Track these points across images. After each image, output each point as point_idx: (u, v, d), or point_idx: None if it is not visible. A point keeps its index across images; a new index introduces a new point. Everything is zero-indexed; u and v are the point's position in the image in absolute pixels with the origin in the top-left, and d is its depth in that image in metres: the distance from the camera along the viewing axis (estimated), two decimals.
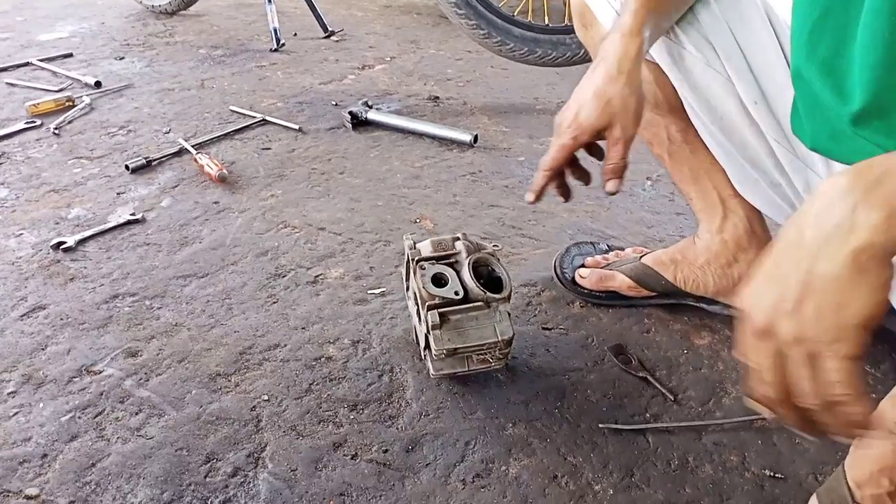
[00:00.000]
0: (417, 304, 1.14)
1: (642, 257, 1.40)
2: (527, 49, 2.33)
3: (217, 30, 3.15)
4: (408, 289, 1.19)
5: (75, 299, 1.44)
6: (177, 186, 1.87)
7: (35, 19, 3.22)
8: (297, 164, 1.99)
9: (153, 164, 1.96)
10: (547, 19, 2.57)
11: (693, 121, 1.15)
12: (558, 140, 1.06)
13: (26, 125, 2.17)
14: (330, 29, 3.08)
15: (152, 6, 3.26)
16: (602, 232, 1.69)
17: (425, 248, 1.15)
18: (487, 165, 2.01)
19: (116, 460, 1.10)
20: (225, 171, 1.87)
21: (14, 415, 1.17)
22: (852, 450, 0.87)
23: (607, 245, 1.52)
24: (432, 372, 1.16)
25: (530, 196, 1.08)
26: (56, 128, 2.15)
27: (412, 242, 1.16)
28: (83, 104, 2.31)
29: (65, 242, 1.60)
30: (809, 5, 0.78)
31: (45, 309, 1.41)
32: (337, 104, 2.38)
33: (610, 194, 1.05)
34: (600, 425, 1.16)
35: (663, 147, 1.29)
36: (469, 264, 1.11)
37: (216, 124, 2.22)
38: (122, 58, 2.78)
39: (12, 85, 2.49)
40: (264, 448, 1.12)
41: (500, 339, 1.11)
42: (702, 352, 1.32)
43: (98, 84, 2.45)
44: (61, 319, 1.38)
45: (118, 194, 1.83)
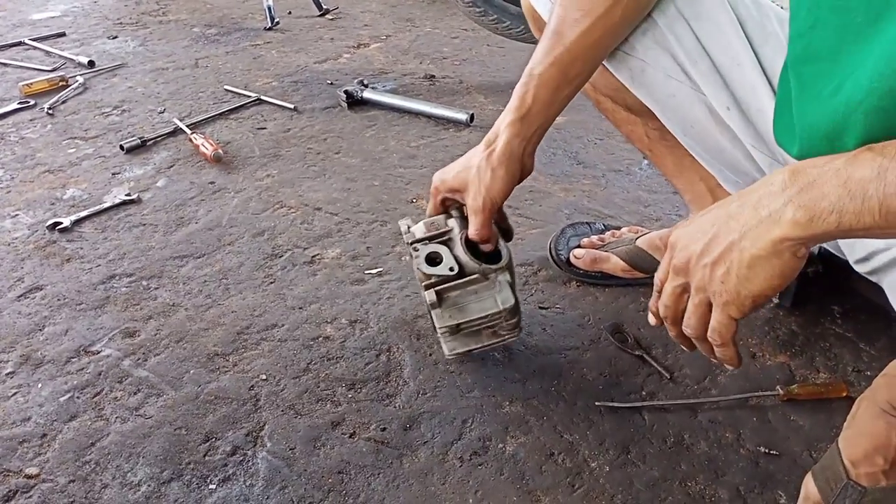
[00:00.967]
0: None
1: (636, 239, 1.39)
2: (523, 27, 2.31)
3: (210, 8, 3.12)
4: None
5: (72, 280, 1.44)
6: (172, 166, 1.86)
7: None
8: (292, 144, 1.98)
9: (148, 144, 1.96)
10: None
11: (667, 127, 1.11)
12: (431, 191, 1.15)
13: (20, 105, 2.16)
14: (325, 7, 3.05)
15: None
16: (599, 211, 1.69)
17: (419, 231, 1.14)
18: None
19: (116, 440, 1.10)
20: (220, 150, 1.87)
21: (13, 395, 1.18)
22: (845, 428, 0.88)
23: (603, 224, 1.52)
24: (447, 353, 1.15)
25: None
26: (50, 108, 2.14)
27: (406, 227, 1.16)
28: (77, 84, 2.30)
29: (61, 223, 1.59)
30: (844, 15, 0.75)
31: (41, 290, 1.41)
32: (332, 83, 2.37)
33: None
34: (596, 403, 1.17)
35: (643, 144, 1.28)
36: (462, 239, 1.10)
37: (211, 104, 2.21)
38: (116, 37, 2.75)
39: (5, 65, 2.47)
40: (263, 427, 1.13)
41: (501, 308, 1.10)
42: None
43: (91, 63, 2.44)
44: (58, 300, 1.38)
45: (113, 174, 1.82)
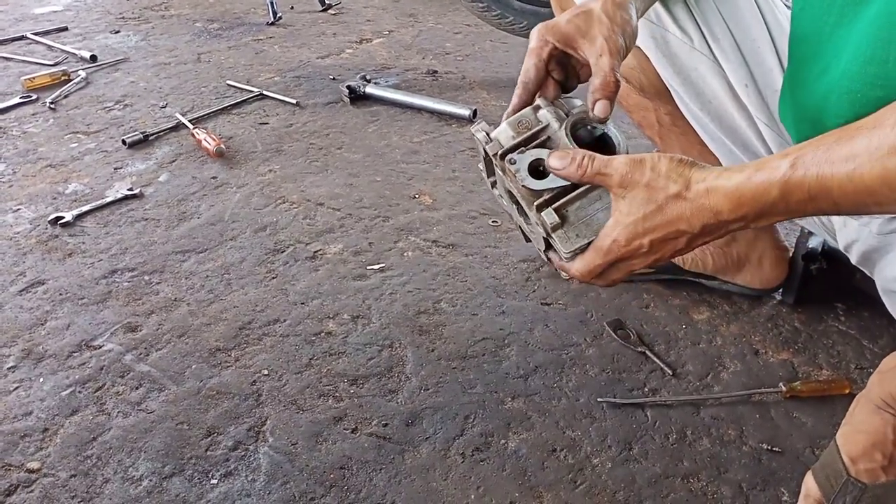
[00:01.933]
0: (517, 201, 0.87)
1: None
2: (527, 22, 2.30)
3: (213, 3, 3.12)
4: (493, 185, 0.94)
5: (74, 274, 1.44)
6: (174, 161, 1.86)
7: None
8: (294, 139, 1.98)
9: (150, 138, 1.95)
10: None
11: (680, 107, 1.13)
12: (529, 49, 0.89)
13: (22, 100, 2.16)
14: (327, 2, 3.04)
15: None
16: None
17: (504, 135, 0.87)
18: None
19: (117, 434, 1.10)
20: (222, 145, 1.86)
21: (14, 389, 1.18)
22: (843, 425, 0.87)
23: None
24: (565, 275, 0.90)
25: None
26: (52, 102, 2.13)
27: (485, 134, 0.87)
28: (79, 78, 2.29)
29: (63, 217, 1.59)
30: (825, 10, 0.77)
31: (43, 284, 1.41)
32: (335, 78, 2.36)
33: (599, 122, 0.85)
34: (599, 399, 1.17)
35: (654, 130, 1.28)
36: (567, 133, 0.84)
37: (213, 99, 2.21)
38: (118, 31, 2.75)
39: (7, 59, 2.47)
40: (265, 422, 1.12)
41: None
42: (700, 327, 1.32)
43: (94, 58, 2.43)
44: (60, 294, 1.38)
45: (115, 169, 1.82)
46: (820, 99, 0.76)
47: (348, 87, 2.19)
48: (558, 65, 0.88)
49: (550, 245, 0.86)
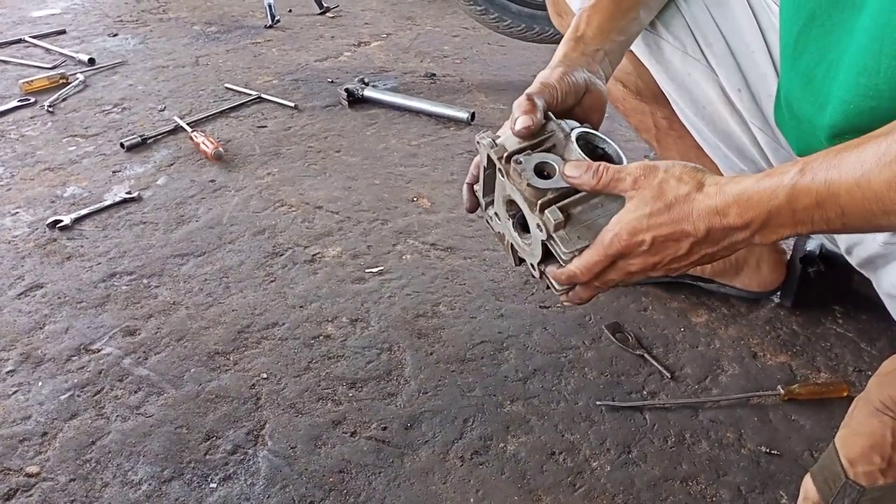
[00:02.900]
0: (514, 214, 0.90)
1: None
2: (524, 25, 2.31)
3: (211, 6, 3.12)
4: (486, 207, 0.95)
5: (72, 278, 1.44)
6: (173, 164, 1.86)
7: None
8: (293, 142, 1.98)
9: (148, 142, 1.95)
10: None
11: (676, 111, 1.13)
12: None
13: (20, 103, 2.16)
14: (325, 5, 3.05)
15: None
16: None
17: (510, 142, 0.88)
18: None
19: (116, 438, 1.10)
20: (221, 149, 1.87)
21: (13, 393, 1.18)
22: (842, 427, 0.88)
23: None
24: (557, 288, 0.88)
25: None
26: (50, 105, 2.13)
27: (490, 140, 0.87)
28: (77, 81, 2.29)
29: (61, 221, 1.59)
30: (795, 12, 0.78)
31: (42, 288, 1.41)
32: (333, 81, 2.36)
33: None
34: (597, 402, 1.17)
35: (650, 134, 1.29)
36: (575, 141, 0.85)
37: (211, 102, 2.21)
38: (116, 34, 2.75)
39: (5, 62, 2.46)
40: (264, 426, 1.12)
41: None
42: (699, 329, 1.33)
43: (92, 61, 2.43)
44: (59, 298, 1.38)
45: (114, 172, 1.82)
46: (814, 108, 0.76)
47: (346, 90, 2.19)
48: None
49: (547, 254, 0.87)
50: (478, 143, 0.89)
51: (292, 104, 2.18)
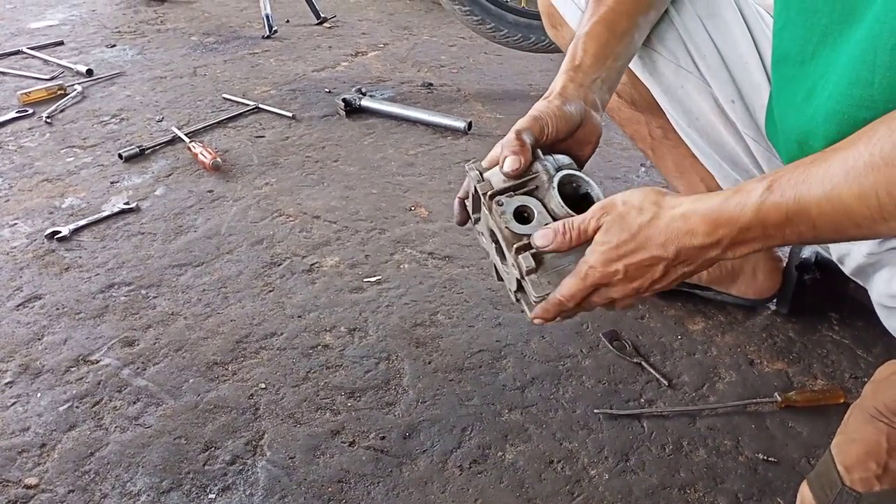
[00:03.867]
0: (496, 241, 0.92)
1: None
2: (520, 35, 2.32)
3: (208, 17, 3.13)
4: (476, 222, 0.98)
5: (71, 289, 1.44)
6: (171, 175, 1.86)
7: (25, 6, 3.19)
8: (290, 152, 1.99)
9: (146, 152, 1.96)
10: None
11: (671, 121, 1.14)
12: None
13: (18, 114, 2.16)
14: (322, 15, 3.06)
15: None
16: None
17: (496, 178, 0.90)
18: (482, 153, 1.99)
19: (115, 449, 1.10)
20: (219, 159, 1.87)
21: (12, 405, 1.18)
22: (837, 434, 0.88)
23: None
24: (530, 316, 0.93)
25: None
26: (48, 116, 2.14)
27: (478, 173, 0.91)
28: (75, 92, 2.30)
29: (59, 232, 1.59)
30: (808, 30, 0.78)
31: (40, 299, 1.41)
32: (330, 91, 2.37)
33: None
34: (595, 411, 1.17)
35: (646, 143, 1.29)
36: (555, 188, 0.88)
37: (209, 112, 2.21)
38: (114, 45, 2.76)
39: (3, 73, 2.47)
40: (262, 436, 1.13)
41: None
42: (696, 337, 1.33)
43: (90, 72, 2.44)
44: (57, 309, 1.38)
45: (112, 183, 1.82)
46: (807, 120, 0.77)
47: (344, 99, 2.20)
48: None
49: (521, 287, 0.91)
50: (467, 172, 0.92)
51: (290, 114, 2.19)
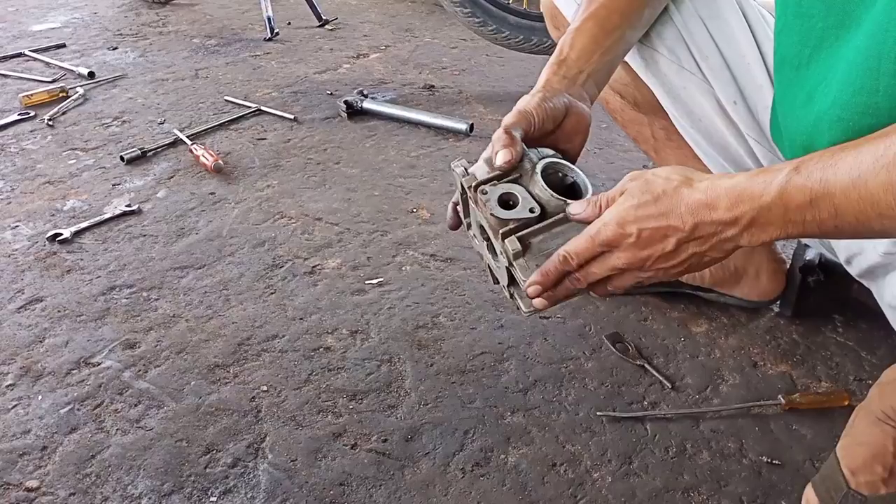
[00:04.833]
0: (488, 238, 0.93)
1: None
2: (522, 37, 2.32)
3: (210, 19, 3.14)
4: (469, 227, 1.00)
5: (72, 291, 1.44)
6: (172, 177, 1.86)
7: (27, 9, 3.20)
8: (292, 155, 1.99)
9: (148, 154, 1.96)
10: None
11: (674, 123, 1.14)
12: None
13: (20, 116, 2.16)
14: (324, 18, 3.06)
15: None
16: None
17: (480, 171, 0.93)
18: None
19: (116, 452, 1.10)
20: (220, 161, 1.87)
21: (13, 407, 1.17)
22: (843, 437, 0.88)
23: None
24: (524, 310, 0.92)
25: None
26: (50, 119, 2.14)
27: (464, 169, 0.93)
28: (77, 95, 2.30)
29: (61, 234, 1.59)
30: (805, 34, 0.78)
31: (42, 301, 1.41)
32: (332, 93, 2.37)
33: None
34: (598, 413, 1.17)
35: (649, 145, 1.29)
36: (539, 173, 0.89)
37: (211, 114, 2.21)
38: (116, 48, 2.76)
39: (5, 76, 2.47)
40: (264, 438, 1.12)
41: None
42: (699, 339, 1.32)
43: (91, 75, 2.44)
44: (59, 311, 1.38)
45: (114, 185, 1.82)
46: (810, 125, 0.76)
47: (346, 102, 2.20)
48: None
49: (513, 280, 0.91)
50: (452, 171, 0.93)
51: (292, 116, 2.18)
